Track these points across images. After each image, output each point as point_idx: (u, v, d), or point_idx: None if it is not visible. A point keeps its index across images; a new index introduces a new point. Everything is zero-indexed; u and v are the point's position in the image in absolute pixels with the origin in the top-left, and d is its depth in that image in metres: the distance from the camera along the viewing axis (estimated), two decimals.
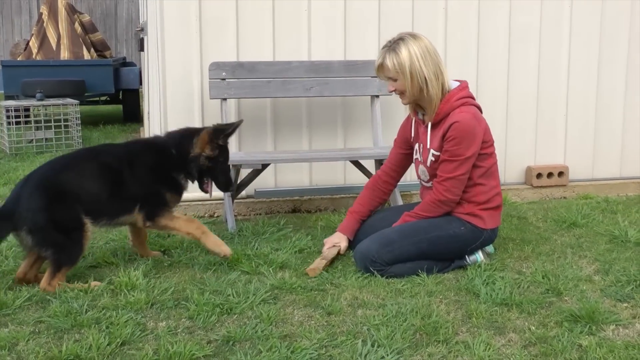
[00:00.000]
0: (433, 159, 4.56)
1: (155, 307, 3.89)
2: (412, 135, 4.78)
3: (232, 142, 5.56)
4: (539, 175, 6.68)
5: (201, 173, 4.64)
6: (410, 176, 6.04)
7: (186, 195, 4.84)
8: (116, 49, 19.94)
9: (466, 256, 4.61)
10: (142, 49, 9.61)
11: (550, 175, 6.70)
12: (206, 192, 4.75)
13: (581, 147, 6.88)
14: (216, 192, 4.91)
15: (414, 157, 4.80)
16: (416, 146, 4.76)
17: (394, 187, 5.09)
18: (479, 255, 4.65)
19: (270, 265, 4.52)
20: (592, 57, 6.78)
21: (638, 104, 6.93)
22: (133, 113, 12.82)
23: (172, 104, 5.91)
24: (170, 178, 4.59)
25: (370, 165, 5.84)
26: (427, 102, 4.51)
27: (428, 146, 4.58)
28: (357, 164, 5.74)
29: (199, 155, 4.56)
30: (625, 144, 6.99)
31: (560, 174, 6.72)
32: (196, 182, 4.71)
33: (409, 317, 3.73)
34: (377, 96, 6.04)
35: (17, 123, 9.64)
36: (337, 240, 4.77)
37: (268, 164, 5.59)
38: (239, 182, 5.68)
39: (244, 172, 5.69)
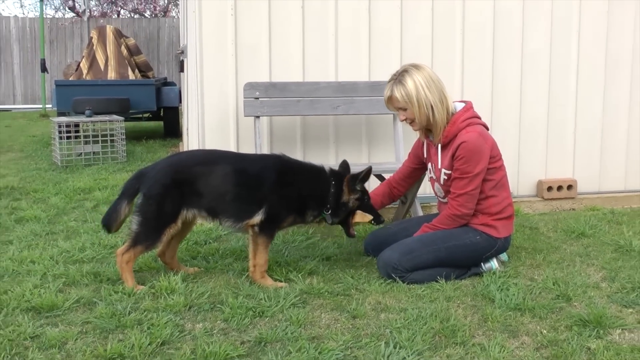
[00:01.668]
0: (445, 177, 4.55)
1: (192, 309, 3.89)
2: (425, 155, 4.80)
3: None
4: (549, 189, 6.62)
5: (348, 215, 4.59)
6: (431, 189, 6.02)
7: None
8: (158, 69, 20.14)
9: (482, 264, 4.58)
10: (182, 70, 9.68)
11: (560, 188, 6.64)
12: (353, 236, 4.70)
13: (589, 162, 6.83)
14: None
15: (429, 175, 4.80)
16: (429, 166, 4.76)
17: (402, 194, 5.14)
18: (494, 263, 4.61)
19: (300, 272, 4.51)
20: (599, 79, 6.73)
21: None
22: (173, 129, 12.91)
23: (209, 120, 5.93)
24: (312, 208, 4.53)
25: None
26: (434, 126, 4.50)
27: (439, 166, 4.58)
28: (380, 177, 5.71)
29: (348, 200, 4.53)
30: (629, 159, 6.93)
31: (569, 187, 6.66)
32: None
33: (428, 320, 3.71)
34: None
35: (68, 138, 9.76)
36: None
37: None
38: None
39: None
